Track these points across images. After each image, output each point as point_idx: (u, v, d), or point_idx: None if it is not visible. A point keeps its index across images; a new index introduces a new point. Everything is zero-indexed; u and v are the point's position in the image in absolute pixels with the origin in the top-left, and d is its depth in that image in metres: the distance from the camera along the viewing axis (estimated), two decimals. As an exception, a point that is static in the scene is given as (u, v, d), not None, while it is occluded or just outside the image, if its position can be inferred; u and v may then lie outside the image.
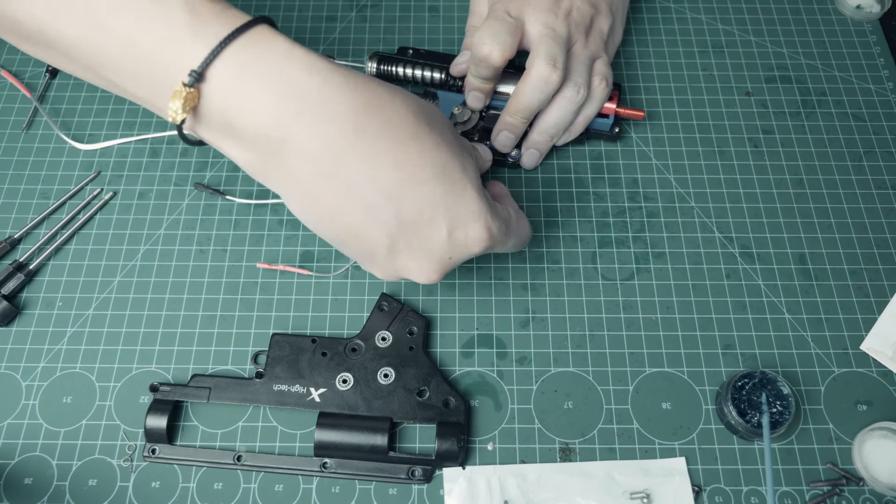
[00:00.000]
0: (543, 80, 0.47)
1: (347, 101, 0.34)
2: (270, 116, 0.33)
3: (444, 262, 0.38)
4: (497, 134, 0.51)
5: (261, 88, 0.33)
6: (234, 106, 0.33)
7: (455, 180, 0.37)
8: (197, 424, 0.45)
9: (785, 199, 0.53)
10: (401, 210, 0.36)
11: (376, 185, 0.35)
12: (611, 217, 0.52)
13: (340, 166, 0.34)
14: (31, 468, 0.43)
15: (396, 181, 0.35)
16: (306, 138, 0.34)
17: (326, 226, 0.37)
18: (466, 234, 0.37)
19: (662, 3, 0.62)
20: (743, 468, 0.43)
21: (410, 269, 0.38)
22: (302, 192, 0.36)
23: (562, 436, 0.44)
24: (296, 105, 0.33)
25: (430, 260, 0.38)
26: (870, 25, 0.61)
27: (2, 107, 0.57)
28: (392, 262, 0.38)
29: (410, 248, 0.37)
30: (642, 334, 0.48)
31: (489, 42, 0.46)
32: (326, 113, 0.34)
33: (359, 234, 0.36)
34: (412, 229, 0.36)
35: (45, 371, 0.46)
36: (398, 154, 0.35)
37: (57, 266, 0.50)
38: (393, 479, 0.43)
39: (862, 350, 0.47)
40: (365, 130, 0.34)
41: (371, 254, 0.37)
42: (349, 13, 0.62)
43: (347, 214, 0.36)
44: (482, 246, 0.38)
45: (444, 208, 0.36)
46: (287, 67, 0.33)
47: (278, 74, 0.33)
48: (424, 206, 0.36)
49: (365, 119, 0.34)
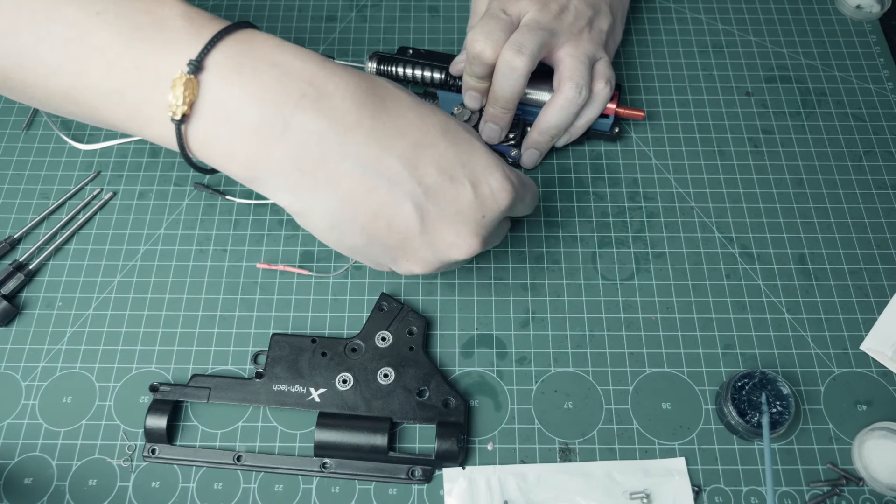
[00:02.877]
0: (570, 101, 0.49)
1: (344, 83, 0.34)
2: (272, 102, 0.33)
3: (479, 222, 0.37)
4: (525, 150, 0.52)
5: (259, 76, 0.33)
6: (235, 95, 0.33)
7: (461, 139, 0.37)
8: (197, 424, 0.45)
9: (785, 199, 0.53)
10: (421, 175, 0.35)
11: (391, 156, 0.34)
12: (611, 217, 0.52)
13: (350, 144, 0.34)
14: (31, 468, 0.43)
15: (408, 147, 0.35)
16: (309, 119, 0.33)
17: (350, 221, 0.35)
18: (490, 186, 0.37)
19: (662, 3, 0.62)
20: (743, 468, 0.43)
21: (450, 243, 0.37)
22: (314, 185, 0.34)
23: (562, 436, 0.44)
24: (296, 88, 0.33)
25: (465, 224, 0.37)
26: (870, 25, 0.61)
27: (2, 107, 0.57)
28: (429, 240, 0.36)
29: (443, 215, 0.36)
30: (642, 334, 0.48)
31: (482, 39, 0.46)
32: (326, 94, 0.34)
33: (387, 215, 0.35)
34: (439, 193, 0.36)
35: (45, 371, 0.46)
36: (400, 123, 0.35)
37: (57, 266, 0.50)
38: (393, 480, 0.43)
39: (862, 350, 0.47)
40: (364, 106, 0.34)
41: (406, 240, 0.36)
42: (349, 13, 0.62)
43: (371, 195, 0.35)
44: (508, 197, 0.37)
45: (460, 165, 0.36)
46: (282, 57, 0.34)
47: (274, 63, 0.34)
48: (442, 166, 0.36)
49: (363, 96, 0.35)
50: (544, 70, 0.50)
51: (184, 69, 0.32)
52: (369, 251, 0.37)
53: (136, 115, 0.34)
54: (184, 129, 0.33)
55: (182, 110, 0.32)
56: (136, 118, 0.34)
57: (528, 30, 0.47)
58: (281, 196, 0.35)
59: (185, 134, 0.34)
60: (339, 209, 0.35)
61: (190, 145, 0.34)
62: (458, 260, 0.38)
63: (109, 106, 0.34)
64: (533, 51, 0.46)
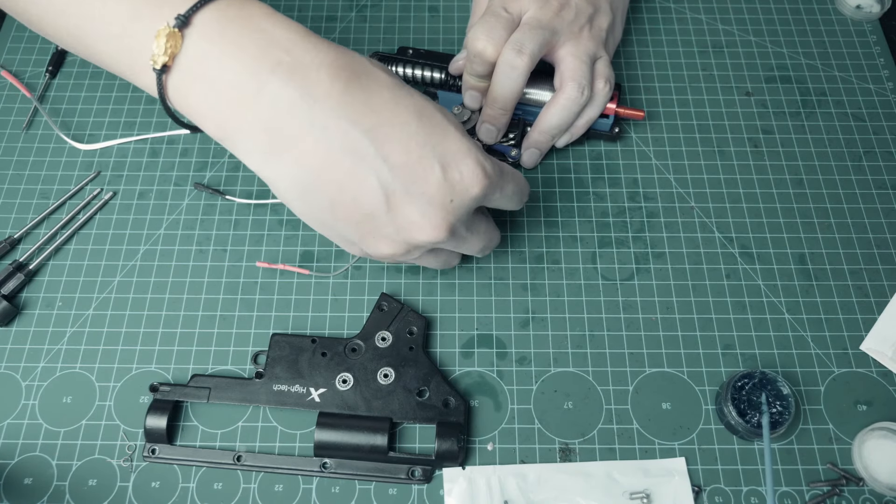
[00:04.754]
0: (572, 101, 0.49)
1: (322, 56, 0.35)
2: (248, 65, 0.34)
3: (447, 206, 0.36)
4: (525, 149, 0.52)
5: (241, 39, 0.34)
6: (215, 54, 0.34)
7: (436, 122, 0.36)
8: (197, 424, 0.45)
9: (785, 199, 0.53)
10: (388, 153, 0.35)
11: (358, 129, 0.34)
12: (611, 217, 0.52)
13: (318, 115, 0.34)
14: (31, 468, 0.43)
15: (377, 122, 0.35)
16: (282, 86, 0.34)
17: (317, 192, 0.36)
18: (461, 172, 0.36)
19: (662, 3, 0.62)
20: (743, 468, 0.43)
21: (414, 222, 0.36)
22: (282, 151, 0.35)
23: (562, 436, 0.44)
24: (275, 55, 0.34)
25: (431, 205, 0.36)
26: (870, 25, 0.61)
27: (2, 107, 0.57)
28: (394, 219, 0.36)
29: (409, 195, 0.36)
30: (642, 334, 0.48)
31: (483, 38, 0.46)
32: (303, 65, 0.34)
33: (352, 189, 0.35)
34: (405, 172, 0.35)
35: (45, 371, 0.46)
36: (374, 99, 0.35)
37: (57, 266, 0.50)
38: (393, 480, 0.43)
39: (862, 350, 0.47)
40: (338, 79, 0.35)
41: (371, 216, 0.36)
42: (349, 13, 0.62)
43: (334, 167, 0.35)
44: (480, 185, 0.37)
45: (430, 146, 0.36)
46: (267, 24, 0.35)
47: (259, 29, 0.35)
48: (411, 145, 0.35)
49: (339, 71, 0.35)
50: (544, 69, 0.50)
51: (170, 22, 0.34)
52: (337, 226, 0.37)
53: (131, 62, 0.36)
54: (164, 80, 0.35)
55: (163, 60, 0.34)
56: (131, 66, 0.36)
57: (529, 29, 0.47)
58: (251, 160, 0.36)
59: (165, 84, 0.36)
60: (306, 178, 0.35)
61: (170, 96, 0.36)
62: (423, 242, 0.37)
63: (108, 51, 0.37)
64: (533, 50, 0.46)
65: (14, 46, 0.60)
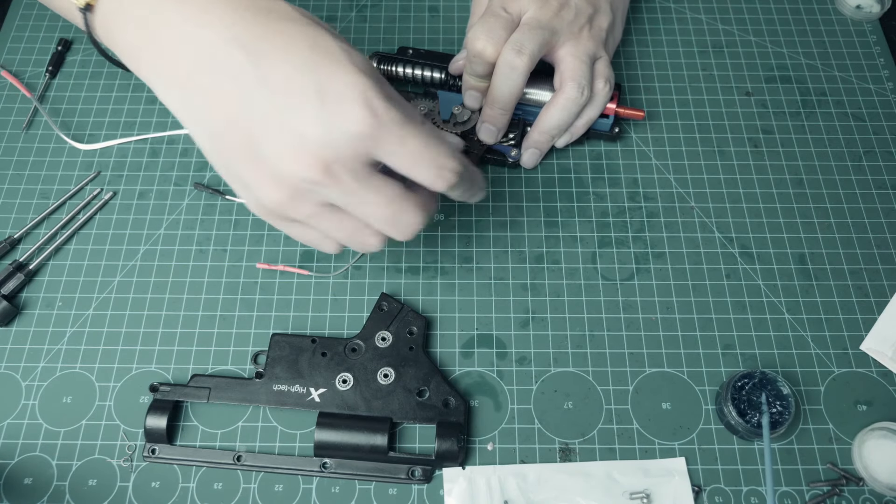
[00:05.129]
0: (572, 101, 0.48)
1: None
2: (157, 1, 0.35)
3: (321, 140, 0.33)
4: (525, 149, 0.52)
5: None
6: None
7: (332, 56, 0.34)
8: (197, 424, 0.45)
9: (785, 199, 0.53)
10: (271, 80, 0.33)
11: (244, 54, 0.33)
12: (611, 217, 0.52)
13: (208, 40, 0.34)
14: (31, 468, 0.43)
15: (266, 50, 0.33)
16: (179, 16, 0.34)
17: (209, 124, 0.35)
18: (342, 107, 0.33)
19: (662, 3, 0.62)
20: (743, 468, 0.43)
21: (287, 154, 0.33)
22: (179, 82, 0.35)
23: (562, 436, 0.44)
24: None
25: (304, 137, 0.33)
26: (870, 25, 0.61)
27: (2, 107, 0.57)
28: (273, 152, 0.34)
29: (285, 124, 0.33)
30: (642, 334, 0.48)
31: (483, 38, 0.46)
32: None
33: (237, 119, 0.34)
34: (283, 100, 0.33)
35: (45, 371, 0.46)
36: (271, 29, 0.34)
37: (57, 266, 0.50)
38: (393, 480, 0.43)
39: (862, 350, 0.47)
40: (235, 9, 0.34)
41: (255, 152, 0.34)
42: (349, 13, 0.62)
43: (224, 97, 0.34)
44: (361, 124, 0.33)
45: (315, 77, 0.33)
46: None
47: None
48: (294, 74, 0.33)
49: (238, 2, 0.35)
50: (543, 69, 0.50)
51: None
52: (231, 164, 0.35)
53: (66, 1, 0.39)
54: (91, 20, 0.38)
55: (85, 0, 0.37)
56: (67, 6, 0.39)
57: (529, 29, 0.47)
58: (168, 101, 0.36)
59: (92, 23, 0.38)
60: (201, 110, 0.35)
61: (99, 35, 0.38)
62: (294, 175, 0.34)
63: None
64: (533, 51, 0.46)
65: (14, 46, 0.60)
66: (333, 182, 0.34)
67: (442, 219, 0.52)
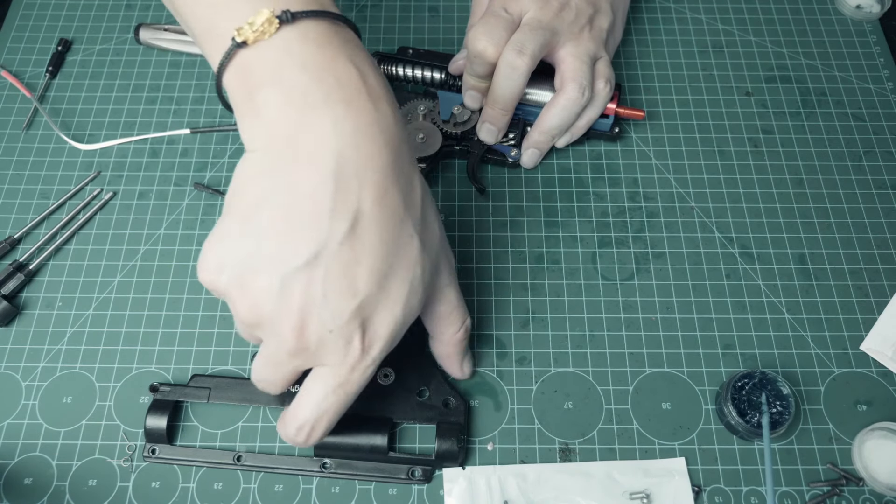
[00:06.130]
0: (573, 101, 0.48)
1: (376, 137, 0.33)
2: (319, 88, 0.32)
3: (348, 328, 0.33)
4: (525, 150, 0.52)
5: (333, 64, 0.32)
6: (296, 59, 0.32)
7: (408, 281, 0.34)
8: (197, 424, 0.45)
9: (785, 199, 0.53)
10: (358, 236, 0.32)
11: (370, 201, 0.32)
12: (611, 217, 0.52)
13: (334, 141, 0.32)
14: (31, 468, 0.43)
15: (375, 210, 0.33)
16: (324, 117, 0.32)
17: (272, 166, 0.33)
18: (371, 337, 0.34)
19: (662, 3, 0.62)
20: (743, 468, 0.43)
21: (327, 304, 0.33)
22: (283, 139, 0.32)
23: (562, 436, 0.44)
24: (353, 91, 0.32)
25: (343, 315, 0.33)
26: (870, 25, 0.61)
27: (2, 107, 0.57)
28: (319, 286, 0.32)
29: (324, 287, 0.32)
30: (642, 334, 0.48)
31: (484, 38, 0.46)
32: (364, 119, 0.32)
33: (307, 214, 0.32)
34: (351, 264, 0.32)
35: (45, 371, 0.46)
36: (410, 198, 0.34)
37: (57, 266, 0.50)
38: (393, 480, 0.43)
39: (862, 350, 0.47)
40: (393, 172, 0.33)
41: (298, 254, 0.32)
42: (349, 13, 0.62)
43: (317, 198, 0.32)
44: (355, 356, 0.34)
45: (382, 282, 0.33)
46: (361, 62, 0.33)
47: (352, 61, 0.33)
48: (374, 260, 0.33)
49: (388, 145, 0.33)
50: (544, 69, 0.50)
51: (275, 11, 0.32)
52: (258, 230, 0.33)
53: (212, 24, 0.34)
54: (233, 54, 0.33)
55: (249, 37, 0.32)
56: (209, 27, 0.34)
57: (530, 29, 0.47)
58: (250, 144, 0.34)
59: (232, 57, 0.33)
60: (276, 176, 0.32)
61: (227, 69, 0.33)
62: (310, 337, 0.33)
63: (198, 3, 0.34)
64: (534, 51, 0.46)
65: (14, 46, 0.60)
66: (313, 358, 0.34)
67: (442, 218, 0.52)
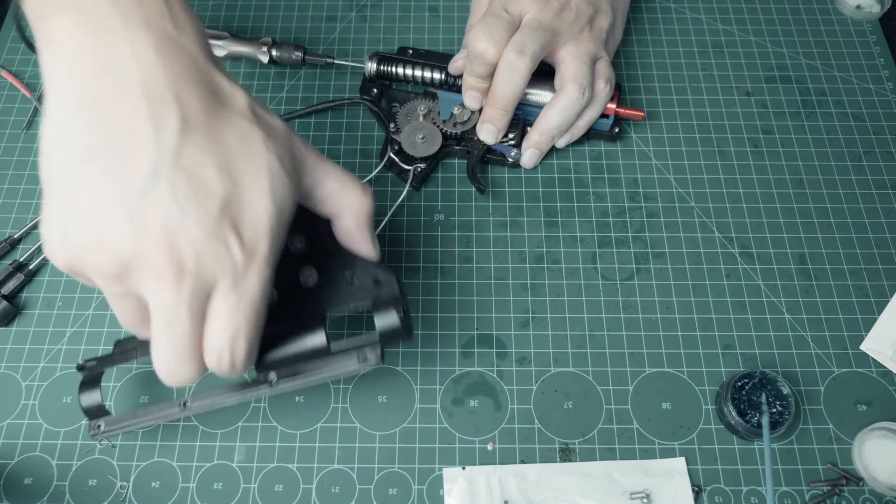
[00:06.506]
0: (573, 102, 0.48)
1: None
2: (97, 19, 0.31)
3: (198, 237, 0.30)
4: (525, 150, 0.52)
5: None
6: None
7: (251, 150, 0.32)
8: (197, 425, 0.45)
9: (785, 199, 0.53)
10: (184, 150, 0.30)
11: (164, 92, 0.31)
12: (611, 217, 0.52)
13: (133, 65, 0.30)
14: (31, 468, 0.43)
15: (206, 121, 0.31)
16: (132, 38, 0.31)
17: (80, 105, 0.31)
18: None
19: (662, 3, 0.62)
20: (743, 468, 0.43)
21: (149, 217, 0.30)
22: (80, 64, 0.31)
23: (562, 436, 0.44)
24: (122, 16, 0.31)
25: (168, 225, 0.30)
26: (870, 25, 0.61)
27: (2, 107, 0.57)
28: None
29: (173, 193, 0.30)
30: (642, 334, 0.48)
31: (484, 38, 0.46)
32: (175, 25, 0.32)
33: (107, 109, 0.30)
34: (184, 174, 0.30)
35: (45, 371, 0.46)
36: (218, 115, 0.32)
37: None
38: (344, 372, 0.39)
39: (862, 350, 0.47)
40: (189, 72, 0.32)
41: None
42: (349, 13, 0.62)
43: (104, 96, 0.31)
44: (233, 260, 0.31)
45: (224, 187, 0.31)
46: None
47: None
48: (210, 166, 0.31)
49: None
50: (544, 69, 0.50)
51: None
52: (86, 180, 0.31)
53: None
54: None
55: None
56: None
57: (531, 30, 0.47)
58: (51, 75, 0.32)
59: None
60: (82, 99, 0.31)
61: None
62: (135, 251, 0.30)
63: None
64: (535, 52, 0.46)
65: (14, 46, 0.60)
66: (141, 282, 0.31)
67: (442, 219, 0.52)
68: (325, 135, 0.55)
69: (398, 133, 0.52)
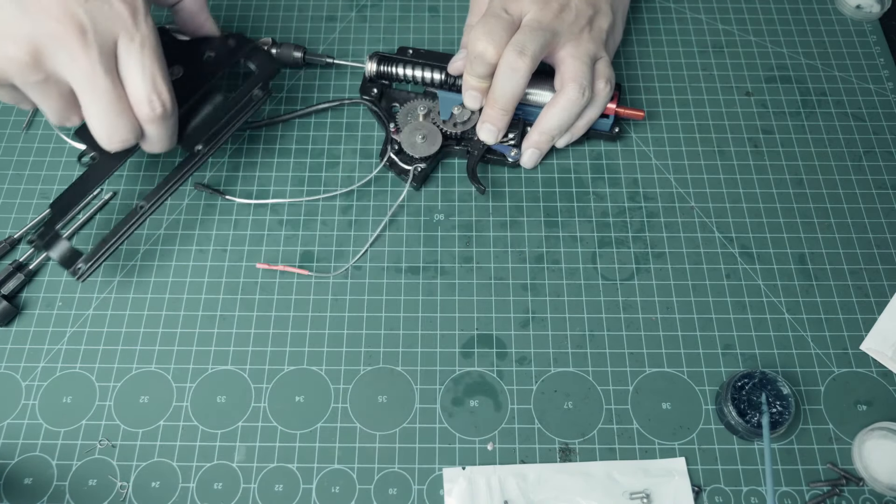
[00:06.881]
0: (573, 102, 0.48)
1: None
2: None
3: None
4: (525, 150, 0.52)
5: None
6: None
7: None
8: (197, 424, 0.45)
9: (785, 199, 0.53)
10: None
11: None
12: (611, 217, 0.52)
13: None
14: (31, 468, 0.43)
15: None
16: None
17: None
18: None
19: (662, 3, 0.62)
20: (743, 468, 0.43)
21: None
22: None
23: (562, 436, 0.44)
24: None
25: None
26: (870, 25, 0.61)
27: (2, 107, 0.57)
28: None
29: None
30: (642, 334, 0.48)
31: (484, 39, 0.46)
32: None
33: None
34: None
35: (45, 371, 0.46)
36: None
37: (57, 266, 0.50)
38: (250, 109, 0.49)
39: (862, 350, 0.47)
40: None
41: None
42: (349, 13, 0.62)
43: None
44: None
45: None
46: None
47: None
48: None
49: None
50: (544, 70, 0.50)
51: None
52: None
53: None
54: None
55: None
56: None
57: (531, 30, 0.47)
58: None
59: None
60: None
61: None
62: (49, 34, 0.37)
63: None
64: (535, 52, 0.46)
65: (14, 46, 0.59)
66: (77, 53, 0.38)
67: (442, 219, 0.52)
68: (325, 135, 0.55)
69: (398, 133, 0.52)
